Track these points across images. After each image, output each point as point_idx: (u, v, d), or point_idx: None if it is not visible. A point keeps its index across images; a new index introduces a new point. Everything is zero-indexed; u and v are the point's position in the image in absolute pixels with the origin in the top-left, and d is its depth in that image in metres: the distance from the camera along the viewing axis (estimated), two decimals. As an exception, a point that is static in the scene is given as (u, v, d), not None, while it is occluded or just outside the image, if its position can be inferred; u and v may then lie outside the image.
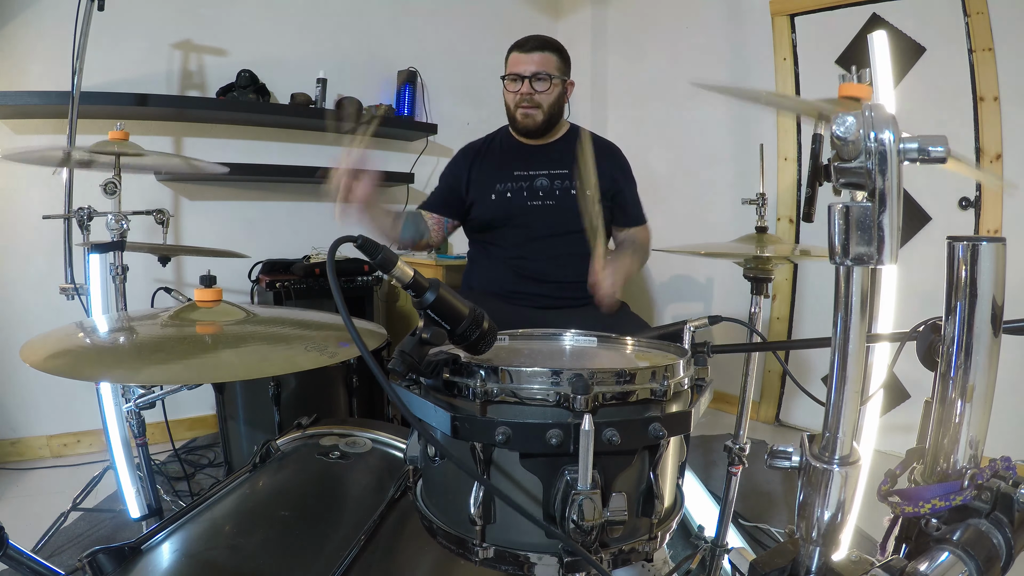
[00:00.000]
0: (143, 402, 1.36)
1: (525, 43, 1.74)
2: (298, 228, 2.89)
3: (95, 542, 1.65)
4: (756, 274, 1.35)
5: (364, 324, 1.00)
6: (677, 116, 3.21)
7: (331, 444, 1.04)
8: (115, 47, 2.38)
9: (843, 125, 0.42)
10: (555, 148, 1.84)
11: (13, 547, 0.59)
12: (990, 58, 2.23)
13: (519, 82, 1.73)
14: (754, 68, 2.91)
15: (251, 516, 0.86)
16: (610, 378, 0.53)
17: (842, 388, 0.48)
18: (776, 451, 0.53)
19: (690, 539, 1.37)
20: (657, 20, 3.30)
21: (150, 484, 1.44)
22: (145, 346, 0.83)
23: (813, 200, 1.00)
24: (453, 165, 1.90)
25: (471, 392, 0.53)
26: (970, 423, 0.55)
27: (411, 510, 0.79)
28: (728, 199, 2.98)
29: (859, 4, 2.57)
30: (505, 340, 0.73)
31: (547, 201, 1.78)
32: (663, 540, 0.58)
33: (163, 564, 0.74)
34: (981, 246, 0.53)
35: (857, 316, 0.46)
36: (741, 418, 1.40)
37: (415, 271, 0.53)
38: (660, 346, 0.72)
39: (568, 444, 0.50)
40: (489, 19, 3.39)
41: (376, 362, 0.49)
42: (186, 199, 2.66)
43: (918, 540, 0.55)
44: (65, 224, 2.03)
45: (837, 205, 0.44)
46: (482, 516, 0.54)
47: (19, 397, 2.33)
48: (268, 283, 2.41)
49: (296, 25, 2.83)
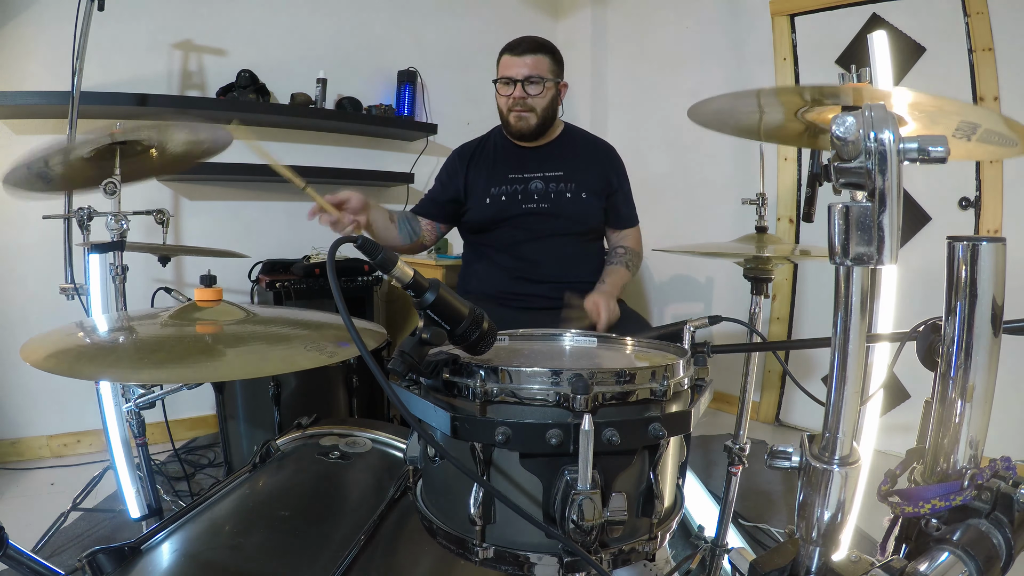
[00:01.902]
0: (143, 402, 1.35)
1: (517, 46, 1.71)
2: (298, 228, 2.88)
3: (95, 542, 1.65)
4: (756, 274, 1.35)
5: (364, 324, 1.00)
6: (677, 116, 3.20)
7: (331, 444, 1.04)
8: (115, 47, 2.38)
9: (843, 125, 0.42)
10: (549, 150, 1.83)
11: (13, 547, 0.59)
12: (990, 58, 2.23)
13: (511, 86, 1.70)
14: (754, 68, 2.91)
15: (251, 516, 0.86)
16: (610, 378, 0.53)
17: (842, 388, 0.48)
18: (776, 451, 0.53)
19: (690, 539, 1.37)
20: (657, 20, 3.30)
21: (150, 484, 1.44)
22: (145, 346, 0.83)
23: (813, 200, 1.00)
24: (449, 167, 1.88)
25: (471, 392, 0.53)
26: (970, 423, 0.55)
27: (411, 510, 0.79)
28: (728, 199, 2.97)
29: (859, 4, 2.57)
30: (505, 340, 0.73)
31: (542, 204, 1.77)
32: (663, 540, 0.58)
33: (163, 564, 0.74)
34: (981, 246, 0.53)
35: (857, 316, 0.46)
36: (741, 418, 1.40)
37: (415, 271, 0.54)
38: (660, 346, 0.72)
39: (568, 444, 0.50)
40: (489, 19, 3.39)
41: (376, 362, 0.49)
42: (186, 199, 2.66)
43: (918, 540, 0.55)
44: (65, 224, 2.03)
45: (837, 205, 0.44)
46: (482, 516, 0.54)
47: (19, 397, 2.33)
48: (268, 283, 2.41)
49: (296, 25, 2.83)
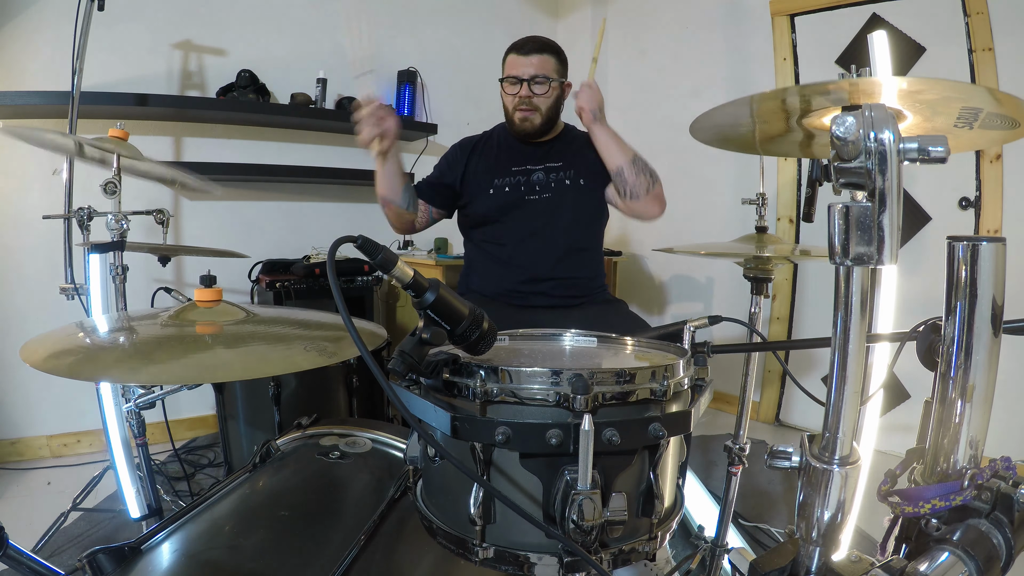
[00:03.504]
0: (143, 402, 1.35)
1: (523, 45, 1.73)
2: (298, 228, 2.89)
3: (95, 542, 1.65)
4: (756, 274, 1.35)
5: (364, 324, 1.00)
6: (677, 116, 3.20)
7: (331, 444, 1.04)
8: (115, 47, 2.38)
9: (843, 125, 0.42)
10: (550, 145, 1.85)
11: (13, 547, 0.59)
12: (990, 58, 2.23)
13: (518, 85, 1.72)
14: (754, 68, 2.91)
15: (251, 516, 0.86)
16: (610, 378, 0.53)
17: (842, 388, 0.48)
18: (776, 451, 0.53)
19: (690, 539, 1.37)
20: (657, 20, 3.29)
21: (150, 484, 1.44)
22: (145, 346, 0.83)
23: (813, 200, 1.00)
24: (450, 156, 1.91)
25: (471, 392, 0.53)
26: (970, 423, 0.55)
27: (411, 510, 0.79)
28: (728, 199, 2.98)
29: (859, 4, 2.56)
30: (505, 340, 0.73)
31: (544, 194, 1.79)
32: (663, 540, 0.58)
33: (163, 564, 0.74)
34: (981, 246, 0.53)
35: (857, 316, 0.46)
36: (741, 418, 1.40)
37: (415, 271, 0.53)
38: (660, 346, 0.72)
39: (568, 444, 0.50)
40: (489, 19, 3.39)
41: (376, 362, 0.49)
42: (186, 199, 2.65)
43: (918, 540, 0.55)
44: (65, 224, 2.03)
45: (837, 205, 0.44)
46: (482, 516, 0.54)
47: (19, 397, 2.33)
48: (268, 283, 2.41)
49: (296, 25, 2.83)
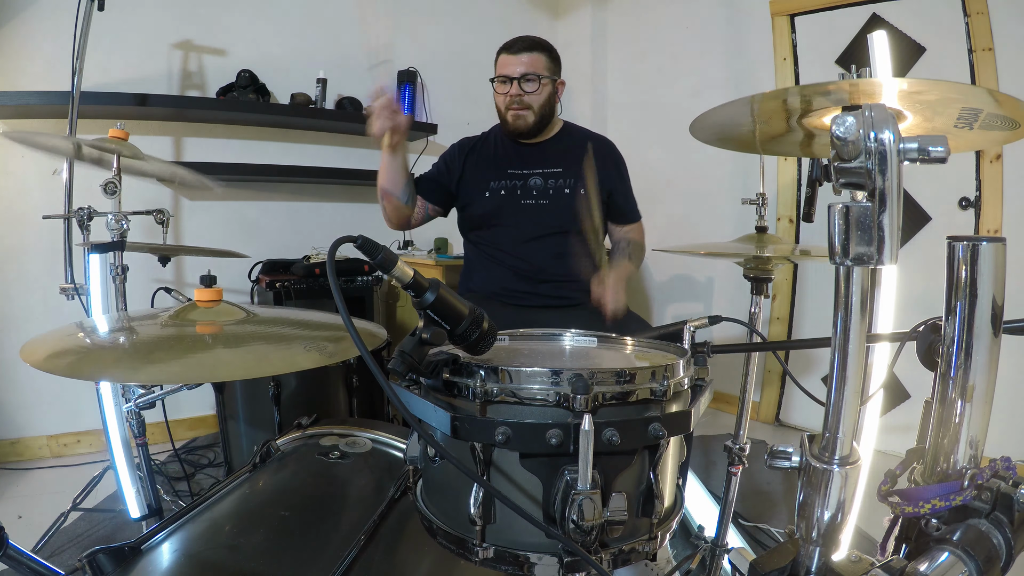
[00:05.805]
0: (143, 402, 1.35)
1: (513, 45, 1.75)
2: (298, 228, 2.89)
3: (95, 542, 1.65)
4: (756, 274, 1.35)
5: (364, 324, 1.00)
6: (677, 116, 3.20)
7: (331, 444, 1.04)
8: (115, 47, 2.38)
9: (843, 125, 0.42)
10: (549, 147, 1.85)
11: (13, 547, 0.59)
12: (990, 58, 2.23)
13: (508, 84, 1.73)
14: (754, 68, 2.91)
15: (251, 516, 0.86)
16: (610, 378, 0.53)
17: (842, 388, 0.48)
18: (776, 451, 0.53)
19: (690, 539, 1.37)
20: (657, 20, 3.30)
21: (150, 484, 1.44)
22: (145, 346, 0.83)
23: (813, 200, 1.00)
24: (447, 156, 1.91)
25: (471, 392, 0.53)
26: (970, 423, 0.55)
27: (411, 510, 0.79)
28: (728, 199, 2.98)
29: (859, 4, 2.56)
30: (505, 340, 0.73)
31: (540, 200, 1.79)
32: (663, 540, 0.58)
33: (163, 564, 0.74)
34: (981, 246, 0.53)
35: (857, 316, 0.46)
36: (741, 418, 1.40)
37: (415, 271, 0.53)
38: (660, 346, 0.72)
39: (568, 444, 0.50)
40: (489, 19, 3.39)
41: (376, 362, 0.49)
42: (186, 199, 2.66)
43: (918, 540, 0.55)
44: (65, 224, 2.03)
45: (837, 205, 0.44)
46: (482, 516, 0.54)
47: (19, 397, 2.33)
48: (268, 283, 2.41)
49: (296, 25, 2.83)
